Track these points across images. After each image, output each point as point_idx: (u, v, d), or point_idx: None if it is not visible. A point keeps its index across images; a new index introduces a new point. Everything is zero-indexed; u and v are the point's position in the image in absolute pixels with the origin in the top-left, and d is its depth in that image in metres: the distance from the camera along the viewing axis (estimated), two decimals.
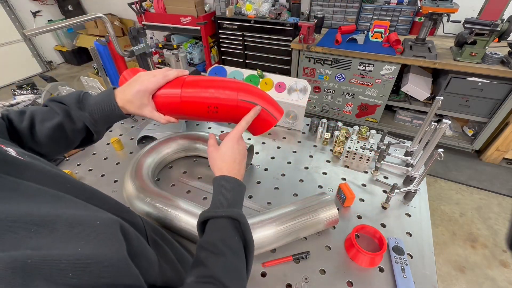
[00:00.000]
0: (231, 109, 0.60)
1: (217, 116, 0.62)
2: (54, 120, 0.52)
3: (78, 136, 0.57)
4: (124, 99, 0.56)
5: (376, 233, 0.78)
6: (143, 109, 0.58)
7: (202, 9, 3.06)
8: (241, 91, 0.60)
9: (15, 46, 4.10)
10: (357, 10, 2.52)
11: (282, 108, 0.66)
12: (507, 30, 1.79)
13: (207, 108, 0.60)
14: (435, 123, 0.89)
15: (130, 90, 0.56)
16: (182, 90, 0.59)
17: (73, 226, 0.29)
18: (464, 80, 2.04)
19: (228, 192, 0.52)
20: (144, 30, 1.49)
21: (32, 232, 0.25)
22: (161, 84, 0.58)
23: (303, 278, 0.72)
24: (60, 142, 0.55)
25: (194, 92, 0.59)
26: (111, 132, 1.33)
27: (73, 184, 0.40)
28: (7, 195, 0.29)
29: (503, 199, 2.11)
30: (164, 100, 0.60)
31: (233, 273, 0.43)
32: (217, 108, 0.60)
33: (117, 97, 0.56)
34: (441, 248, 1.80)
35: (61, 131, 0.53)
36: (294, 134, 1.28)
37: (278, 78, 1.29)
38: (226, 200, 0.51)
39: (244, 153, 0.60)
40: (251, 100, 0.60)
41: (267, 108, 0.62)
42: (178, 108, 0.60)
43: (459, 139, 2.45)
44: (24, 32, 1.10)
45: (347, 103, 2.60)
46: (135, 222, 0.50)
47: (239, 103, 0.60)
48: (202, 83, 0.60)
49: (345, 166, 1.08)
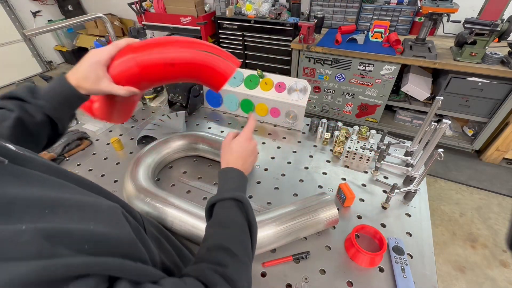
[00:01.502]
0: (187, 63, 0.60)
1: (176, 73, 0.61)
2: (11, 118, 0.48)
3: (42, 131, 0.54)
4: (78, 78, 0.54)
5: (376, 233, 0.78)
6: (100, 83, 0.55)
7: (202, 9, 3.06)
8: (193, 44, 0.60)
9: (15, 46, 4.10)
10: (357, 10, 2.52)
11: (237, 59, 0.66)
12: (507, 30, 1.79)
13: (164, 66, 0.59)
14: (435, 123, 0.89)
15: (83, 66, 0.54)
16: (136, 54, 0.58)
17: (82, 209, 0.31)
18: (464, 80, 2.04)
19: (232, 180, 0.58)
20: (144, 30, 1.50)
21: (46, 212, 0.28)
22: (112, 53, 0.57)
23: (303, 278, 0.72)
24: (26, 141, 0.51)
25: (148, 53, 0.58)
26: (111, 132, 1.33)
27: (74, 176, 0.41)
28: (17, 180, 0.30)
29: (503, 199, 2.11)
30: (120, 69, 0.57)
31: (239, 244, 0.48)
32: (174, 65, 0.59)
33: (69, 78, 0.54)
34: (441, 248, 1.80)
35: (23, 128, 0.50)
36: (294, 134, 1.28)
37: (278, 78, 1.29)
38: (230, 186, 0.56)
39: (252, 151, 0.64)
40: (205, 49, 0.60)
41: (223, 57, 0.62)
42: (135, 74, 0.58)
43: (459, 139, 2.45)
44: (24, 32, 1.10)
45: (347, 103, 2.60)
46: (134, 215, 0.50)
47: (193, 53, 0.59)
48: (154, 44, 0.59)
49: (345, 166, 1.08)
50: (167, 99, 1.47)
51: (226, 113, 1.45)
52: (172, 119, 1.29)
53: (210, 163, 1.12)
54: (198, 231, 0.74)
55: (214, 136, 1.08)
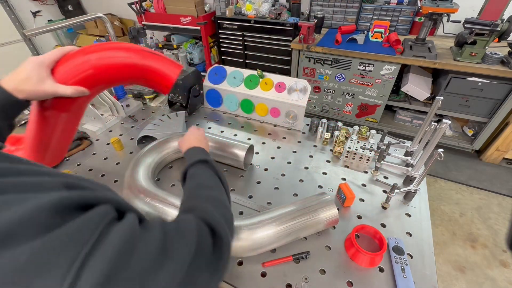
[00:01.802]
0: (140, 65, 0.62)
1: (128, 75, 0.63)
2: None
3: None
4: (18, 80, 0.50)
5: (376, 233, 0.78)
6: (43, 83, 0.52)
7: (202, 9, 3.06)
8: (142, 50, 0.64)
9: (15, 46, 4.09)
10: (357, 10, 2.52)
11: (179, 64, 0.69)
12: (507, 30, 1.79)
13: (118, 68, 0.60)
14: (435, 123, 0.89)
15: (24, 68, 0.51)
16: (86, 57, 0.57)
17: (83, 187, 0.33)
18: (464, 80, 2.04)
19: (196, 153, 0.69)
20: (144, 30, 1.50)
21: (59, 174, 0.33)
22: (57, 55, 0.55)
23: (303, 278, 0.72)
24: None
25: (99, 55, 0.59)
26: (111, 132, 1.33)
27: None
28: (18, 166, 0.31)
29: (503, 199, 2.11)
30: (69, 70, 0.56)
31: (214, 182, 0.57)
32: (128, 67, 0.61)
33: (4, 84, 0.50)
34: (441, 248, 1.80)
35: None
36: (294, 134, 1.28)
37: (278, 78, 1.29)
38: (196, 155, 0.66)
39: (202, 135, 0.79)
40: (152, 55, 0.64)
41: (167, 62, 0.66)
42: (88, 76, 0.57)
43: (459, 139, 2.45)
44: (24, 32, 1.10)
45: (347, 103, 2.60)
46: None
47: (144, 56, 0.62)
48: (102, 48, 0.60)
49: (345, 166, 1.08)
50: (167, 99, 1.47)
51: (226, 113, 1.45)
52: (172, 119, 1.30)
53: None
54: None
55: (214, 136, 1.08)
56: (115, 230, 0.28)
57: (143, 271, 0.28)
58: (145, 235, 0.31)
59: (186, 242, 0.35)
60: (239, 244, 0.72)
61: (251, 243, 0.71)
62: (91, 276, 0.24)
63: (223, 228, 0.43)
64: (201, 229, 0.40)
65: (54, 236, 0.24)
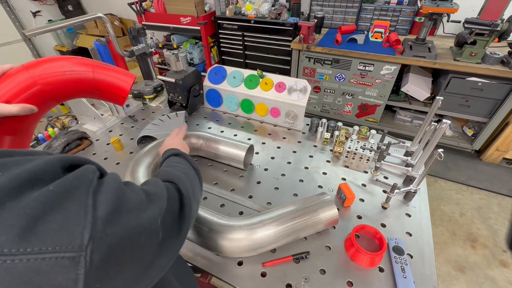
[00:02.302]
0: (90, 79, 0.62)
1: (78, 90, 0.62)
2: None
3: None
4: None
5: (376, 233, 0.78)
6: None
7: (202, 9, 3.06)
8: (93, 65, 0.63)
9: (15, 46, 4.09)
10: (357, 10, 2.52)
11: (131, 74, 0.69)
12: (507, 30, 1.79)
13: (66, 82, 0.59)
14: (435, 123, 0.89)
15: None
16: (34, 70, 0.55)
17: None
18: (464, 80, 2.04)
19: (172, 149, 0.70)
20: (144, 30, 1.49)
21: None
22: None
23: (303, 278, 0.72)
24: None
25: (49, 71, 0.57)
26: (111, 132, 1.33)
27: None
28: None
29: (503, 199, 2.11)
30: (15, 88, 0.53)
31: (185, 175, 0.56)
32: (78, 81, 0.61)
33: None
34: (441, 248, 1.80)
35: None
36: (294, 134, 1.28)
37: (278, 78, 1.29)
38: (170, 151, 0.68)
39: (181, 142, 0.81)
40: (103, 67, 0.64)
41: (119, 72, 0.67)
42: (38, 92, 0.55)
43: (459, 139, 2.45)
44: (24, 32, 1.10)
45: (347, 103, 2.60)
46: None
47: (94, 69, 0.63)
48: (47, 61, 0.58)
49: (345, 166, 1.08)
50: (167, 99, 1.47)
51: (226, 113, 1.45)
52: (172, 119, 1.30)
53: (211, 163, 1.12)
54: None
55: (214, 136, 1.08)
56: (106, 179, 0.33)
57: (135, 208, 0.34)
58: (127, 186, 0.37)
59: (160, 194, 0.42)
60: (239, 244, 0.72)
61: (251, 243, 0.71)
62: (104, 202, 0.29)
63: (189, 196, 0.49)
64: (170, 189, 0.46)
65: (67, 177, 0.29)
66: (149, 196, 0.38)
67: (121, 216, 0.31)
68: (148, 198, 0.38)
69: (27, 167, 0.27)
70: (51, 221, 0.25)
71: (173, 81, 1.31)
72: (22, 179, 0.26)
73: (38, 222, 0.24)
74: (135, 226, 0.32)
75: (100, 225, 0.27)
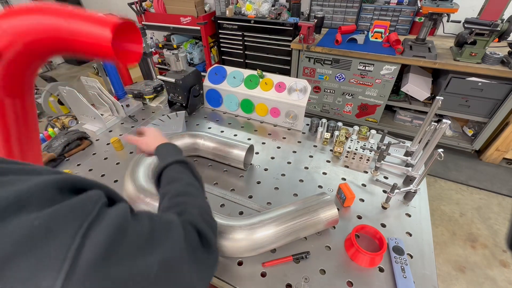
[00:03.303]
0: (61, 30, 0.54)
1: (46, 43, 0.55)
2: None
3: None
4: None
5: (376, 233, 0.78)
6: None
7: (202, 9, 3.06)
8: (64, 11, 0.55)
9: None
10: (357, 10, 2.52)
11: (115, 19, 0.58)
12: (507, 30, 1.79)
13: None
14: (435, 123, 0.89)
15: None
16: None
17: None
18: (464, 80, 2.04)
19: (171, 150, 0.67)
20: (144, 30, 1.49)
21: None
22: None
23: (303, 278, 0.72)
24: None
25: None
26: (111, 132, 1.33)
27: None
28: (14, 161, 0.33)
29: (503, 199, 2.11)
30: None
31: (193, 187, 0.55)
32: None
33: None
34: (441, 248, 1.80)
35: None
36: (294, 134, 1.28)
37: (278, 78, 1.29)
38: (171, 153, 0.65)
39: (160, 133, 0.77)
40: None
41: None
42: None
43: (459, 139, 2.45)
44: None
45: (347, 103, 2.60)
46: None
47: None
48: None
49: (345, 166, 1.08)
50: (167, 99, 1.47)
51: (226, 113, 1.45)
52: (172, 119, 1.30)
53: (210, 163, 1.12)
54: None
55: (214, 136, 1.08)
56: (110, 212, 0.30)
57: (134, 251, 0.30)
58: (135, 222, 0.33)
59: (171, 235, 0.37)
60: (239, 244, 0.72)
61: (251, 243, 0.71)
62: (94, 245, 0.26)
63: (209, 232, 0.45)
64: (186, 227, 0.41)
65: (60, 207, 0.26)
66: (158, 234, 0.35)
67: (110, 263, 0.26)
68: (152, 239, 0.33)
69: (17, 188, 0.25)
70: (20, 267, 0.22)
71: (173, 81, 1.31)
72: (7, 201, 0.24)
73: (5, 266, 0.22)
74: (124, 277, 0.27)
75: (79, 275, 0.24)
